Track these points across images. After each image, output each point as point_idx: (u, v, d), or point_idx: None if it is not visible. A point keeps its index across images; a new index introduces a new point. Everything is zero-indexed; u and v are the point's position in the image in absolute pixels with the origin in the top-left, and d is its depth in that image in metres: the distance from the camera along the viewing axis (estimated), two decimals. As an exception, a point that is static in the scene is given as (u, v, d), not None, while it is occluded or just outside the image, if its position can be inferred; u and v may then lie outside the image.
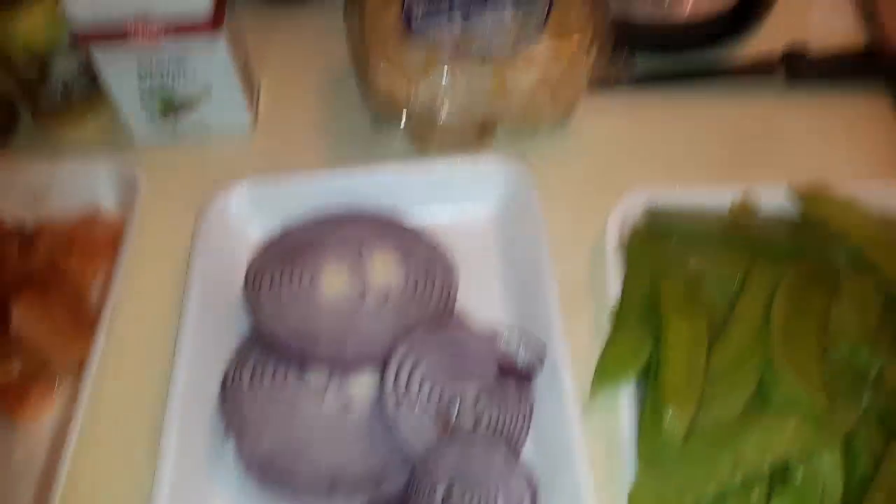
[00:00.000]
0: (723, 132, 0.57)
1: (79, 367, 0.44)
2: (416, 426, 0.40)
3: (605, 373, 0.42)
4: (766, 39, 0.61)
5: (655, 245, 0.47)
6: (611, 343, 0.43)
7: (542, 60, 0.51)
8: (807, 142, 0.55)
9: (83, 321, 0.46)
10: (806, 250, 0.46)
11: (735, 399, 0.40)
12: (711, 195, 0.49)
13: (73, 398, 0.44)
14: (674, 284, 0.44)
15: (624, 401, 0.41)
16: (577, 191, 0.53)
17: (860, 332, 0.42)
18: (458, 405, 0.41)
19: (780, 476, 0.38)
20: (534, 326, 0.44)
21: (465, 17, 0.51)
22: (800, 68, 0.58)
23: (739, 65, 0.59)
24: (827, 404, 0.37)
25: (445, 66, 0.50)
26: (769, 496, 0.37)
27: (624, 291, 0.45)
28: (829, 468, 0.37)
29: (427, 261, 0.47)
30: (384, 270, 0.46)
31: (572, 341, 0.45)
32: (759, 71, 0.59)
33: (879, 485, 0.36)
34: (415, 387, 0.41)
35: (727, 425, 0.39)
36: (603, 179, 0.53)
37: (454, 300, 0.46)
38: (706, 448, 0.38)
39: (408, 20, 0.50)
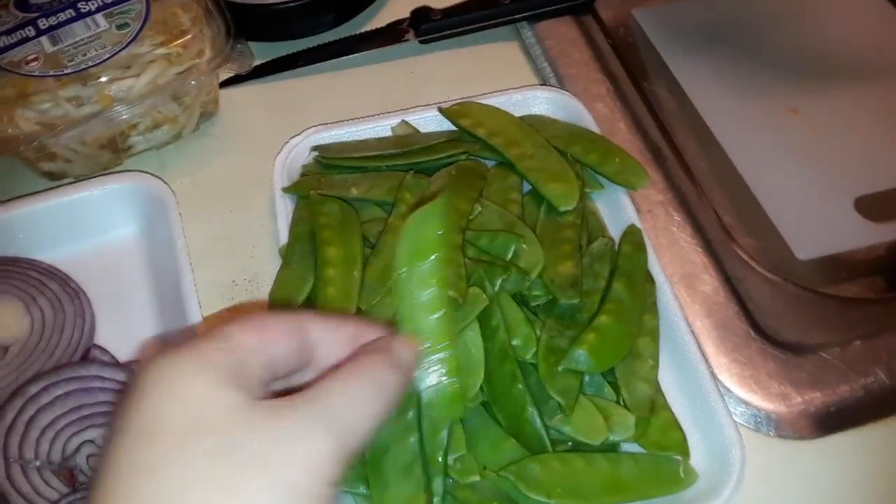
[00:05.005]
0: (368, 99, 0.58)
1: None
2: (33, 490, 0.38)
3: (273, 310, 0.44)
4: (398, 4, 0.63)
5: (319, 181, 0.49)
6: (276, 284, 0.45)
7: (148, 63, 0.50)
8: (447, 93, 0.56)
9: None
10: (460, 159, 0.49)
11: (386, 306, 0.42)
12: (372, 128, 0.52)
13: None
14: (328, 214, 0.45)
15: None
16: (230, 184, 0.54)
17: (502, 223, 0.46)
18: (88, 451, 0.40)
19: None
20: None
21: (52, 36, 0.49)
22: (428, 29, 0.60)
23: (371, 35, 0.61)
24: (460, 295, 0.40)
25: (42, 91, 0.48)
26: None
27: (290, 234, 0.47)
28: (471, 344, 0.40)
29: (55, 305, 0.45)
30: (2, 325, 0.44)
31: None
32: (391, 39, 0.61)
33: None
34: (29, 446, 0.39)
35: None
36: (254, 171, 0.53)
37: (88, 340, 0.45)
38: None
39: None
